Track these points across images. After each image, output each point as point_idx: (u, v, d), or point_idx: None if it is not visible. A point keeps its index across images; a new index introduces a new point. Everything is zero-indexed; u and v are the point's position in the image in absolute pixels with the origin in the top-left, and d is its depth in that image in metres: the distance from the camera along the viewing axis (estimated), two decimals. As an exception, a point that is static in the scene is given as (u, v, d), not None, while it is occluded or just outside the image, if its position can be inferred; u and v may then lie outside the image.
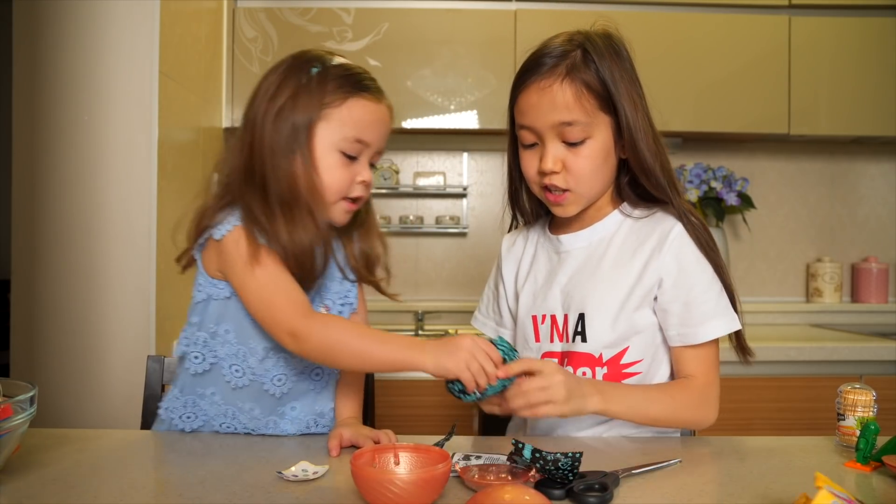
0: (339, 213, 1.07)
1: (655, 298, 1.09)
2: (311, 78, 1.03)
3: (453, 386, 0.98)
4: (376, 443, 0.99)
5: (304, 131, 1.02)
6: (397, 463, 0.83)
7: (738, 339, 1.13)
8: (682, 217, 1.10)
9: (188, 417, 1.09)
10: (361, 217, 1.15)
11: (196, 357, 1.07)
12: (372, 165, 1.09)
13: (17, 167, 1.67)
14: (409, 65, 2.33)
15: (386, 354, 0.97)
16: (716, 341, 1.10)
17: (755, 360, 1.15)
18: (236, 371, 1.07)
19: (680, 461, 0.92)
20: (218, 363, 1.07)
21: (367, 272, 1.15)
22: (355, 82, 1.04)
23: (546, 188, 1.10)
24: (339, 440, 0.99)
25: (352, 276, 1.15)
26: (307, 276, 1.03)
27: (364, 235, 1.15)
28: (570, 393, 0.97)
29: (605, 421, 1.11)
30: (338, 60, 1.07)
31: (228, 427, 1.09)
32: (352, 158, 1.05)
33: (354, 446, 0.99)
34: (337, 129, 1.03)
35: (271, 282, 0.99)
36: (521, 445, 0.83)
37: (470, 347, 0.94)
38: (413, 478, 0.74)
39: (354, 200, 1.07)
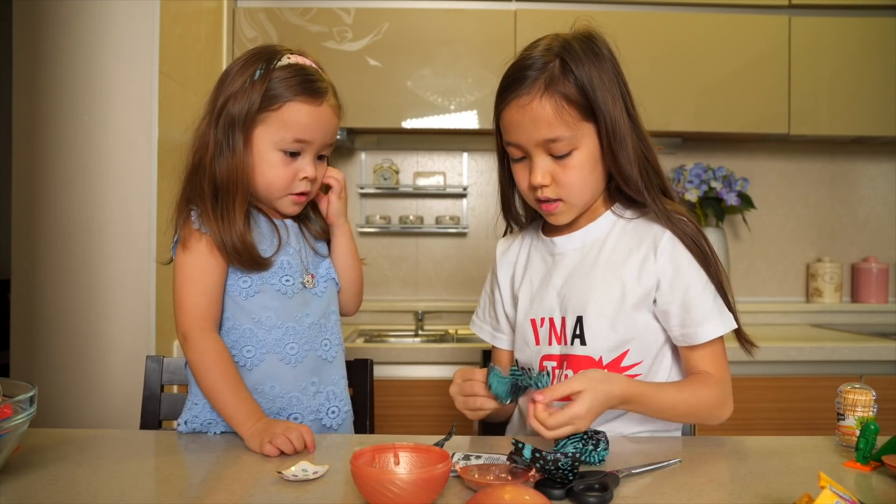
0: (287, 205, 1.14)
1: (655, 301, 1.10)
2: (254, 80, 1.07)
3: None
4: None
5: (242, 131, 1.07)
6: (397, 463, 0.83)
7: (738, 333, 1.13)
8: (666, 221, 1.09)
9: (210, 423, 1.10)
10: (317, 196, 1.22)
11: (248, 349, 1.11)
12: (323, 157, 1.15)
13: (17, 167, 1.67)
14: (409, 65, 2.33)
15: (224, 406, 1.03)
16: (721, 338, 1.10)
17: (756, 360, 1.15)
18: (248, 352, 1.10)
19: (680, 461, 0.92)
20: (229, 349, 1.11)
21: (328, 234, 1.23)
22: (294, 86, 1.08)
23: (539, 199, 1.11)
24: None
25: (324, 252, 1.22)
26: (247, 264, 1.08)
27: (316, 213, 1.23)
28: (590, 410, 0.93)
29: (605, 420, 1.11)
30: (285, 62, 1.10)
31: (296, 417, 1.11)
32: (293, 155, 1.10)
33: None
34: (275, 131, 1.08)
35: (189, 277, 1.07)
36: (521, 445, 0.83)
37: (279, 432, 0.96)
38: (413, 478, 0.74)
39: (301, 194, 1.13)
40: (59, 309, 1.65)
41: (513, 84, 1.07)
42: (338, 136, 2.57)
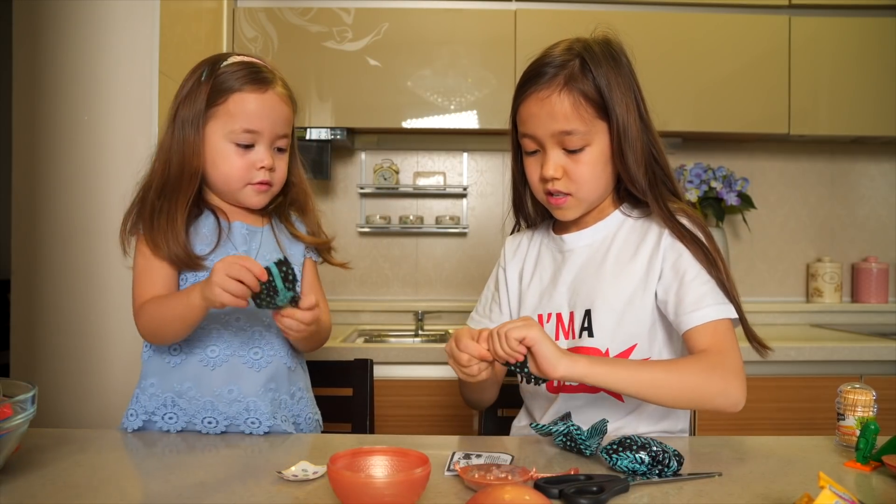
0: (249, 196, 1.15)
1: (656, 295, 1.11)
2: (201, 81, 1.12)
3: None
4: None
5: (194, 129, 1.11)
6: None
7: (749, 334, 1.10)
8: (668, 219, 1.10)
9: (170, 418, 1.10)
10: (298, 200, 1.23)
11: (174, 348, 1.13)
12: (281, 150, 1.17)
13: (17, 167, 1.67)
14: (409, 65, 2.33)
15: (174, 311, 1.05)
16: (727, 324, 1.06)
17: (756, 360, 1.13)
18: (174, 350, 1.12)
19: (720, 474, 0.89)
20: (191, 349, 1.12)
21: (317, 246, 1.24)
22: (239, 77, 1.12)
23: (549, 193, 1.13)
24: None
25: (298, 256, 1.22)
26: (179, 262, 1.11)
27: (305, 218, 1.24)
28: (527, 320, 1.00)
29: (617, 418, 1.11)
30: (231, 60, 1.14)
31: (210, 421, 1.10)
32: (247, 147, 1.13)
33: None
34: (225, 123, 1.12)
35: (136, 268, 1.13)
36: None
37: (220, 268, 0.98)
38: (389, 481, 0.72)
39: (262, 183, 1.14)
40: (59, 309, 1.65)
41: (533, 78, 1.11)
42: (336, 136, 2.52)
